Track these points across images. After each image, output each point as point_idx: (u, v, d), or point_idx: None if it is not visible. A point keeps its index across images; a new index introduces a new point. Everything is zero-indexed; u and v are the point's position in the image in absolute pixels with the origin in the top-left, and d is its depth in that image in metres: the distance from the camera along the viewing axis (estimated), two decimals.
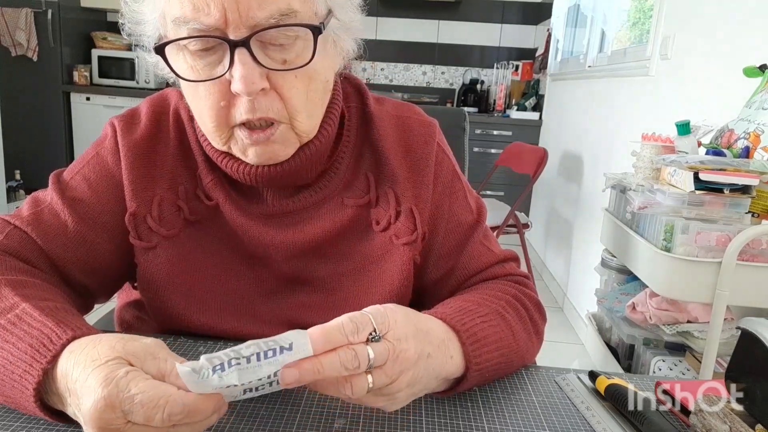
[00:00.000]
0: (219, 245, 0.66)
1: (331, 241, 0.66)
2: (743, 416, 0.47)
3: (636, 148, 1.48)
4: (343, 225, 0.66)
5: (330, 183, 0.66)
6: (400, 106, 0.72)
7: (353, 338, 0.43)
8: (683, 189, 1.21)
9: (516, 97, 4.00)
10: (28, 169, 3.74)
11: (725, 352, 1.21)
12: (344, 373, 0.42)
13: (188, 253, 0.64)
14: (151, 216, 0.63)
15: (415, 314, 0.51)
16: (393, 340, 0.45)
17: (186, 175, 0.65)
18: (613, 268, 1.67)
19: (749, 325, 0.47)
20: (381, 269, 0.66)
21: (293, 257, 0.66)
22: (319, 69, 0.58)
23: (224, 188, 0.65)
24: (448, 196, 0.70)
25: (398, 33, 4.17)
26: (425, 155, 0.68)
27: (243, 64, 0.52)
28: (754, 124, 1.20)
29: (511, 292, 0.65)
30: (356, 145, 0.69)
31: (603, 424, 0.52)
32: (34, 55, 3.74)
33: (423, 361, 0.47)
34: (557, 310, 2.74)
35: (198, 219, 0.65)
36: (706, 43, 1.65)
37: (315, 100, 0.59)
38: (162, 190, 0.64)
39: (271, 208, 0.65)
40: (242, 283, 0.66)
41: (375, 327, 0.45)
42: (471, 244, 0.69)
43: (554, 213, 3.18)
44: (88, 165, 0.65)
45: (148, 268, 0.64)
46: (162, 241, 0.63)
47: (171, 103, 0.68)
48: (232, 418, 0.49)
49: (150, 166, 0.64)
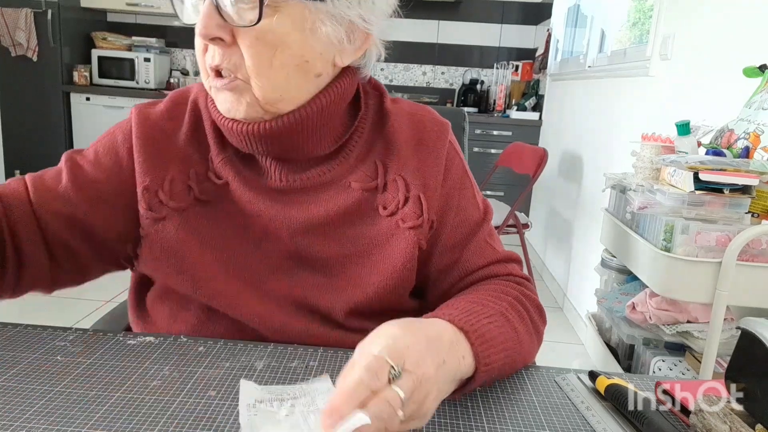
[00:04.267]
0: (228, 222, 0.67)
1: (335, 223, 0.67)
2: (743, 416, 0.47)
3: (636, 148, 1.48)
4: (349, 207, 0.67)
5: (339, 166, 0.68)
6: (415, 106, 0.75)
7: (376, 385, 0.42)
8: (683, 189, 1.21)
9: (516, 97, 4.00)
10: (28, 169, 3.67)
11: (725, 352, 1.21)
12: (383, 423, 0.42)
13: (197, 228, 0.66)
14: (162, 190, 0.66)
15: (419, 323, 0.51)
16: (413, 369, 0.44)
17: (198, 158, 0.69)
18: (613, 268, 1.67)
19: (749, 325, 0.47)
20: (385, 252, 0.67)
21: (297, 234, 0.67)
22: (290, 42, 0.59)
23: (234, 166, 0.68)
24: (458, 190, 0.71)
25: (398, 33, 4.17)
26: (437, 148, 0.70)
27: (204, 10, 0.57)
28: (754, 124, 1.20)
29: (512, 294, 0.65)
30: (369, 136, 0.70)
31: (603, 424, 0.52)
32: (34, 55, 3.74)
33: (441, 369, 0.48)
34: (557, 310, 2.74)
35: (208, 199, 0.67)
36: (706, 43, 1.65)
37: (281, 72, 0.59)
38: (174, 171, 0.67)
39: (277, 184, 0.67)
40: (250, 259, 0.67)
41: (392, 363, 0.44)
42: (476, 239, 0.71)
43: (554, 213, 3.18)
44: (102, 140, 0.70)
45: (157, 239, 0.66)
46: (171, 213, 0.66)
47: (191, 93, 0.72)
48: (231, 418, 0.49)
49: (163, 146, 0.68)
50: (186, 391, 0.53)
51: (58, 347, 0.60)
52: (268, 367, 0.58)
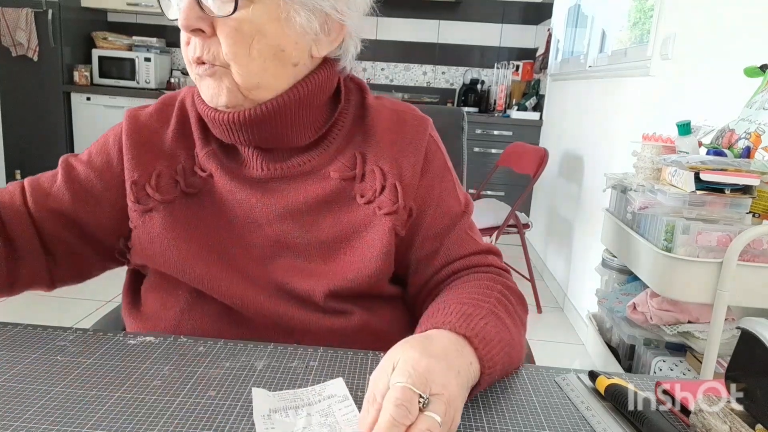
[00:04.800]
0: (212, 211, 0.70)
1: (313, 210, 0.69)
2: (743, 416, 0.47)
3: (637, 148, 1.48)
4: (327, 196, 0.69)
5: (318, 156, 0.71)
6: (396, 103, 0.77)
7: (410, 420, 0.42)
8: (684, 189, 1.21)
9: (516, 97, 4.00)
10: (28, 168, 3.75)
11: (726, 352, 1.21)
12: None
13: (184, 220, 0.69)
14: (149, 185, 0.70)
15: (428, 339, 0.52)
16: (441, 391, 0.45)
17: (184, 154, 0.72)
18: (614, 269, 1.67)
19: (749, 325, 0.47)
20: (362, 239, 0.69)
21: (276, 221, 0.69)
22: (266, 32, 0.62)
23: (218, 159, 0.71)
24: (438, 182, 0.73)
25: (398, 33, 4.18)
26: (415, 140, 0.73)
27: (185, 3, 0.60)
28: (755, 124, 1.20)
29: (497, 288, 0.66)
30: (350, 129, 0.73)
31: (603, 424, 0.52)
32: (35, 55, 3.74)
33: (458, 380, 0.48)
34: (557, 310, 2.74)
35: (194, 192, 0.71)
36: (706, 43, 1.65)
37: (258, 60, 0.63)
38: (161, 166, 0.71)
39: (258, 173, 0.70)
40: (233, 245, 0.69)
41: (419, 393, 0.44)
42: (457, 230, 0.73)
43: (555, 213, 3.18)
44: (96, 143, 0.75)
45: (145, 230, 0.69)
46: (158, 205, 0.69)
47: (180, 96, 0.76)
48: (231, 418, 0.49)
49: (151, 144, 0.72)
50: (186, 391, 0.53)
51: (58, 347, 0.60)
52: (268, 367, 0.58)
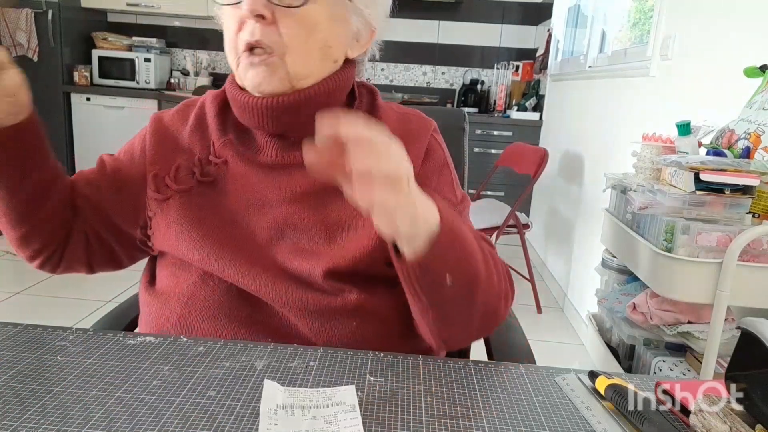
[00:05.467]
0: (226, 196, 0.74)
1: (319, 192, 0.73)
2: (743, 416, 0.47)
3: (636, 149, 1.48)
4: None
5: None
6: (403, 107, 0.84)
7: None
8: (684, 189, 1.21)
9: (516, 97, 4.00)
10: None
11: (726, 352, 1.21)
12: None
13: (197, 206, 0.74)
14: (168, 176, 0.76)
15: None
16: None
17: (201, 147, 0.78)
18: (614, 269, 1.67)
19: (749, 325, 0.47)
20: (363, 221, 0.71)
21: (282, 204, 0.73)
22: (322, 28, 0.68)
23: (233, 146, 0.76)
24: (437, 174, 0.77)
25: (398, 33, 4.17)
26: (419, 138, 0.77)
27: None
28: (755, 124, 1.20)
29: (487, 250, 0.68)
30: None
31: (603, 424, 0.52)
32: (35, 55, 3.74)
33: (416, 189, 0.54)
34: (557, 310, 2.74)
35: (209, 180, 0.75)
36: (706, 43, 1.65)
37: (311, 52, 0.69)
38: (181, 160, 0.77)
39: (270, 159, 0.75)
40: (244, 229, 0.73)
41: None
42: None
43: (555, 213, 3.18)
44: (129, 142, 0.82)
45: (163, 218, 0.74)
46: (175, 194, 0.74)
47: (201, 99, 0.82)
48: (231, 418, 0.49)
49: (171, 141, 0.78)
50: (186, 391, 0.53)
51: (58, 347, 0.60)
52: (268, 367, 0.58)
